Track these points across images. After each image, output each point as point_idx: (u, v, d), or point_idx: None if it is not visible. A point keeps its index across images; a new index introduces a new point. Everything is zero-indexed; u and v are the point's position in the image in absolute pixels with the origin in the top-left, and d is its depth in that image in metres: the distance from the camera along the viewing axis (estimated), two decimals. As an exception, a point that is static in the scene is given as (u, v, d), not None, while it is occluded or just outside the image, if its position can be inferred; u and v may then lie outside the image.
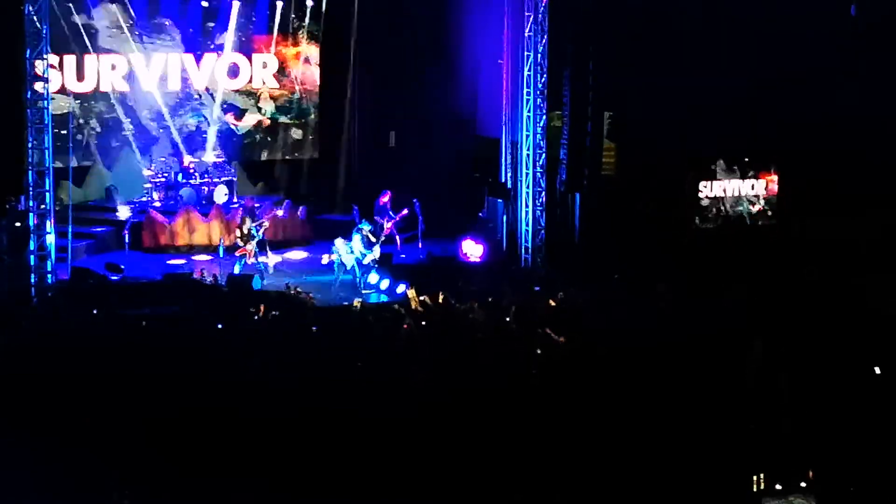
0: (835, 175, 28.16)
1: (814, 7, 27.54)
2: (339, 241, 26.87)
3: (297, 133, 34.83)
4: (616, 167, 29.92)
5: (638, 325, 21.81)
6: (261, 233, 27.23)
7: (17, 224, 25.61)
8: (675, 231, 28.74)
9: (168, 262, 28.45)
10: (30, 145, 25.28)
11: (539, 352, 19.62)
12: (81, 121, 31.84)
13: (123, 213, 30.68)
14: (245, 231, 27.01)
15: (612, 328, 21.10)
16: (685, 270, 25.84)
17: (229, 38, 33.16)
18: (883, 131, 27.65)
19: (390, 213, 29.24)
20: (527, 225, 28.29)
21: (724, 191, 29.53)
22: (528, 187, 28.29)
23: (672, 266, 26.10)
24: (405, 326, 21.47)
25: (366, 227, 27.10)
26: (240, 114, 34.06)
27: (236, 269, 26.71)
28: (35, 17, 25.00)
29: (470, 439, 16.23)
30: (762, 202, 29.77)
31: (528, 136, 28.21)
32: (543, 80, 28.03)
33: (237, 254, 27.03)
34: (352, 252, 26.76)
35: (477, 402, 17.38)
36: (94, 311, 23.20)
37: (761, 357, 19.23)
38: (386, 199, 29.56)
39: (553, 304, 23.43)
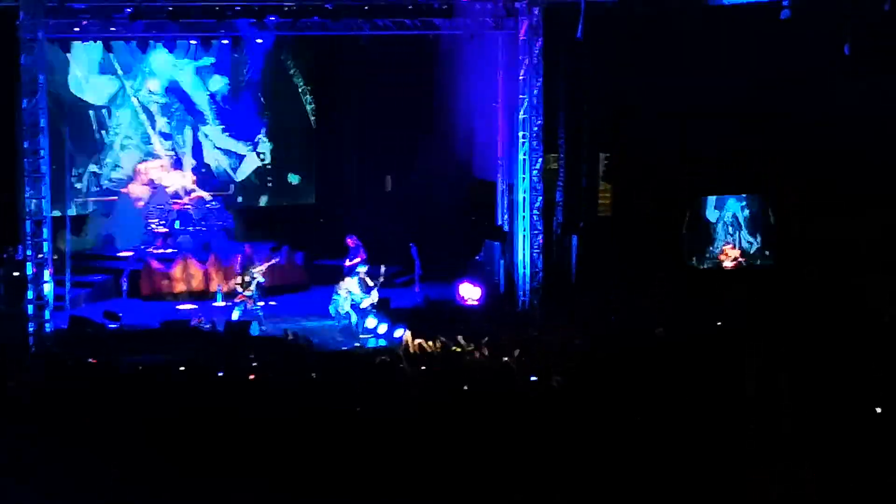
0: (835, 176, 28.21)
1: (809, 48, 27.66)
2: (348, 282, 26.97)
3: (294, 178, 34.94)
4: (612, 209, 29.98)
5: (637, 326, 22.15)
6: (260, 277, 27.24)
7: (15, 273, 25.69)
8: (673, 272, 28.75)
9: (177, 307, 28.51)
10: (27, 195, 25.36)
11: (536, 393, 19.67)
12: (81, 170, 32.03)
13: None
14: (246, 279, 27.03)
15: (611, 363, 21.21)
16: (683, 311, 25.84)
17: (223, 83, 33.39)
18: (883, 131, 27.59)
19: (360, 252, 29.08)
20: (524, 267, 28.31)
21: (721, 231, 29.65)
22: (524, 230, 28.32)
23: (670, 307, 26.11)
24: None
25: (362, 270, 27.12)
26: (238, 159, 34.25)
27: (235, 315, 26.72)
28: (30, 67, 25.13)
29: (470, 441, 16.31)
30: (759, 242, 29.86)
31: (524, 178, 28.27)
32: (539, 122, 28.11)
33: (236, 300, 27.04)
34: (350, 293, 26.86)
35: (476, 410, 17.57)
36: (93, 360, 23.21)
37: (760, 362, 19.40)
38: (352, 242, 29.37)
39: (551, 346, 23.45)
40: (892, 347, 21.28)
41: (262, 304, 27.50)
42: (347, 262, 28.72)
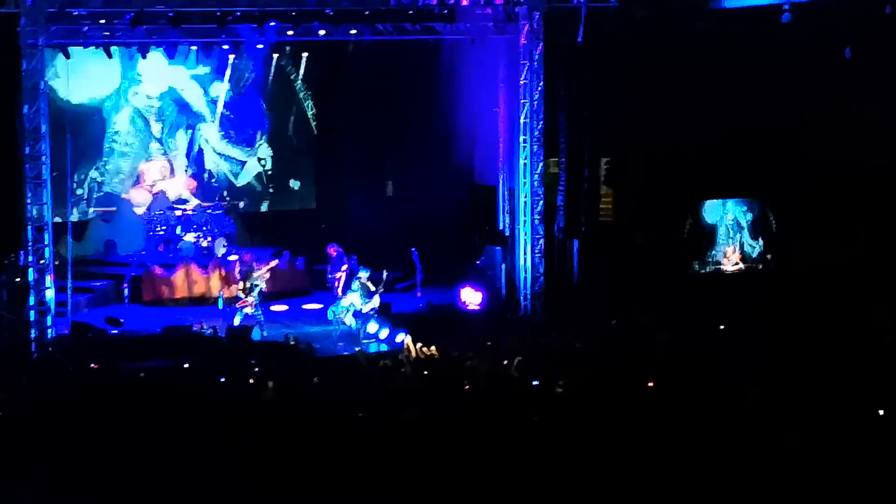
0: (835, 180, 28.21)
1: (810, 52, 27.63)
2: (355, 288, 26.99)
3: (295, 184, 34.95)
4: (614, 213, 29.97)
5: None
6: (262, 283, 27.20)
7: (17, 280, 25.67)
8: (675, 276, 28.74)
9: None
10: (28, 201, 25.39)
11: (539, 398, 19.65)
12: (82, 176, 32.10)
13: None
14: (248, 285, 27.01)
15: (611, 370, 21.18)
16: (685, 315, 25.81)
17: (223, 89, 33.41)
18: (884, 134, 27.56)
19: (344, 261, 28.98)
20: (525, 272, 28.30)
21: (723, 235, 29.65)
22: (526, 234, 28.32)
23: (672, 311, 26.09)
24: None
25: (364, 275, 27.10)
26: (239, 164, 34.30)
27: (236, 321, 26.71)
28: (32, 73, 25.14)
29: (471, 446, 16.32)
30: (761, 246, 29.86)
31: (525, 183, 28.28)
32: (540, 126, 28.12)
33: (238, 305, 27.03)
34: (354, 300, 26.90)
35: (478, 416, 17.58)
36: (94, 365, 23.22)
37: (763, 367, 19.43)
38: (333, 251, 29.30)
39: (553, 351, 23.45)
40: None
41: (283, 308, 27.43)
42: (330, 276, 28.68)
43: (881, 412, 17.60)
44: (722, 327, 25.22)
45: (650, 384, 19.63)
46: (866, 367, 20.36)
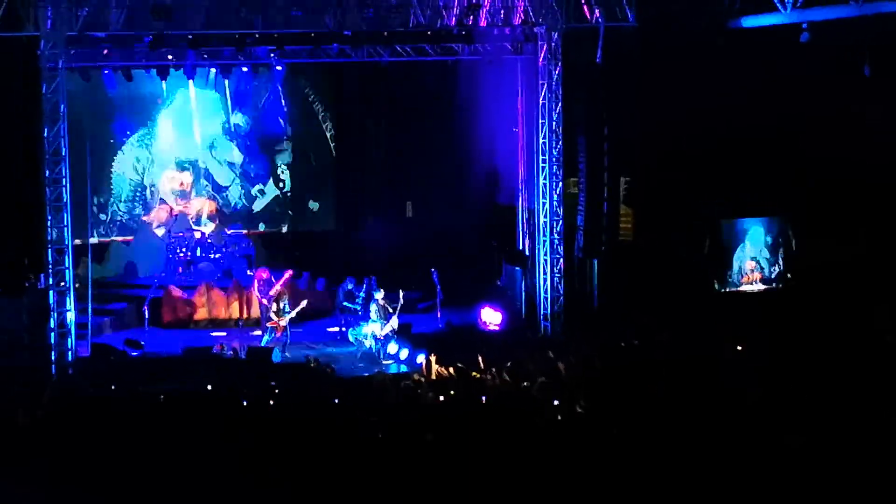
0: (856, 199, 28.17)
1: (825, 66, 27.59)
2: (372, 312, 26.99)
3: (314, 205, 34.99)
4: (633, 232, 29.94)
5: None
6: (291, 311, 27.16)
7: (38, 302, 25.74)
8: (695, 295, 28.66)
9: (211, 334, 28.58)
10: (48, 224, 25.46)
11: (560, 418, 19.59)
12: (102, 199, 32.26)
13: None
14: (280, 306, 27.02)
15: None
16: (705, 333, 25.75)
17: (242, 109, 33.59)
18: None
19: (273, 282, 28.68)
20: (545, 292, 28.27)
21: (744, 255, 29.59)
22: (545, 254, 28.31)
23: (692, 330, 26.02)
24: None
25: (380, 297, 27.04)
26: (259, 185, 34.37)
27: (264, 341, 26.72)
28: (52, 96, 25.25)
29: (491, 466, 16.29)
30: (781, 264, 29.78)
31: (544, 203, 28.27)
32: (558, 146, 28.14)
33: (268, 325, 27.03)
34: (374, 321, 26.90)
35: (497, 436, 17.55)
36: (114, 387, 23.24)
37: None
38: (265, 275, 28.93)
39: (573, 371, 23.37)
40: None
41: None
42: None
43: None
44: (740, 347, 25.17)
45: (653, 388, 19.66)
46: (866, 367, 20.33)
